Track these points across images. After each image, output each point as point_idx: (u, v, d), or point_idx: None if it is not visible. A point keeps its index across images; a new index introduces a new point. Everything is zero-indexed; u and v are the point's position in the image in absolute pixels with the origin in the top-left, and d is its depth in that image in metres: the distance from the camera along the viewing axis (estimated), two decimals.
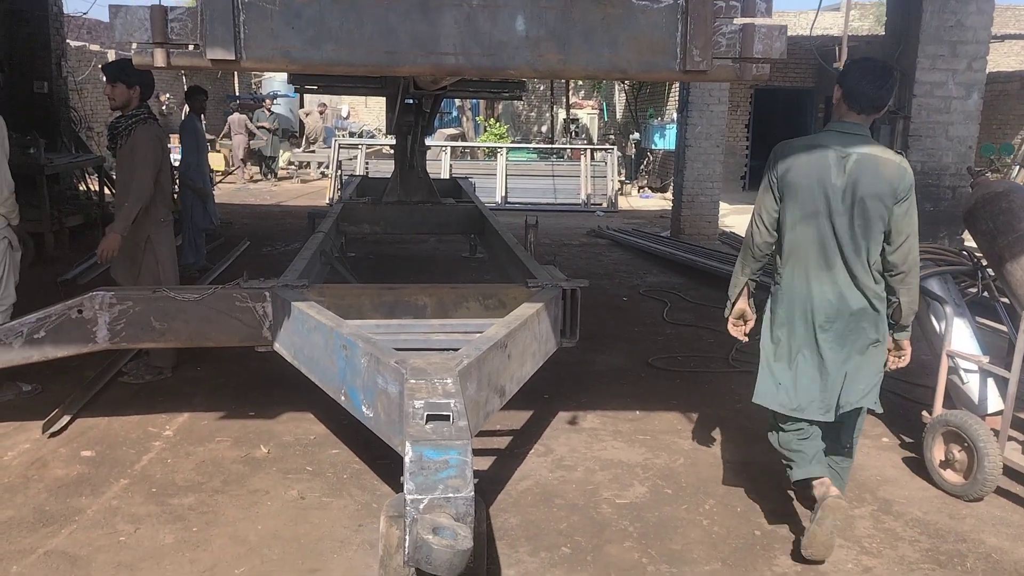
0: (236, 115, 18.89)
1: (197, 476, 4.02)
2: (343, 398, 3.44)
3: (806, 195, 3.30)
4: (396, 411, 2.94)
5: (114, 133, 5.17)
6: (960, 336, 4.29)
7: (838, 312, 3.32)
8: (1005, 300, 4.40)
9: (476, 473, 4.16)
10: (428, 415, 2.55)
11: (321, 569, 3.27)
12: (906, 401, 5.27)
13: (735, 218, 14.50)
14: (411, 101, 7.80)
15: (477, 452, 4.32)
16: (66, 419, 4.60)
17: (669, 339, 6.67)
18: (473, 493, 2.34)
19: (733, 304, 3.67)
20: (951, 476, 4.08)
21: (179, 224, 7.73)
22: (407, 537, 2.28)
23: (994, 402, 4.20)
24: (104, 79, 5.31)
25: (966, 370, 4.28)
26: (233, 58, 2.85)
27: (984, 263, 4.44)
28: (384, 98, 8.62)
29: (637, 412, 4.99)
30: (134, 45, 2.85)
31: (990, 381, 4.22)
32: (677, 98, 12.41)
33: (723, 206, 15.30)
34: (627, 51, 3.03)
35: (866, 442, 4.63)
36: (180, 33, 2.85)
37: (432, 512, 2.29)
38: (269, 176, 19.19)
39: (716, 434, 4.70)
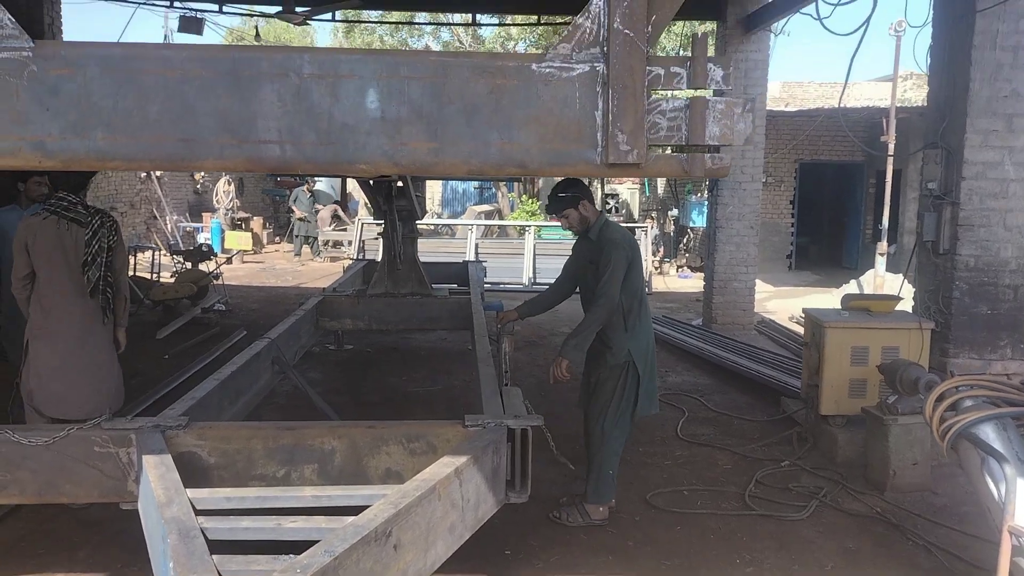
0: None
1: None
2: None
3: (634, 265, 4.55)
4: None
5: None
6: None
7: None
8: None
9: None
10: None
11: None
12: None
13: (779, 302, 13.32)
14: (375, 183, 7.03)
15: None
16: None
17: (678, 463, 5.61)
18: None
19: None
20: None
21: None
22: None
23: None
24: None
25: None
26: None
27: None
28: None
29: None
30: None
31: None
32: None
33: (766, 288, 14.17)
34: (526, 137, 2.13)
35: None
36: None
37: None
38: (318, 256, 18.77)
39: None
